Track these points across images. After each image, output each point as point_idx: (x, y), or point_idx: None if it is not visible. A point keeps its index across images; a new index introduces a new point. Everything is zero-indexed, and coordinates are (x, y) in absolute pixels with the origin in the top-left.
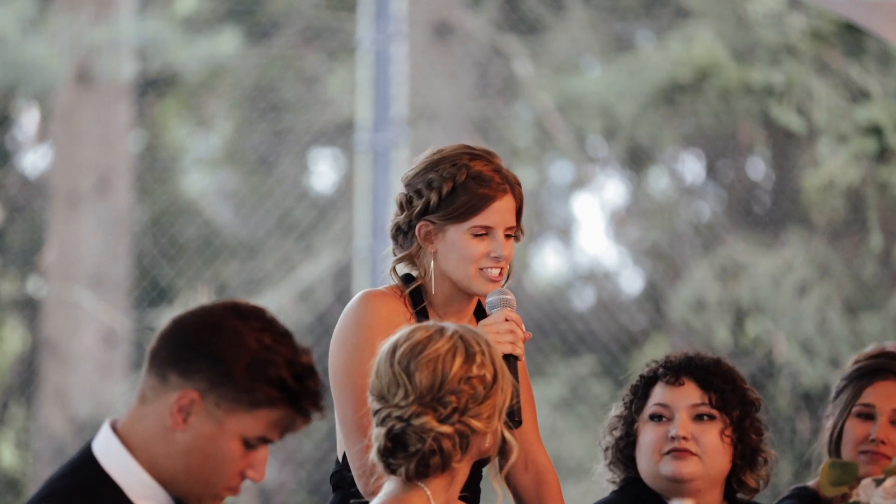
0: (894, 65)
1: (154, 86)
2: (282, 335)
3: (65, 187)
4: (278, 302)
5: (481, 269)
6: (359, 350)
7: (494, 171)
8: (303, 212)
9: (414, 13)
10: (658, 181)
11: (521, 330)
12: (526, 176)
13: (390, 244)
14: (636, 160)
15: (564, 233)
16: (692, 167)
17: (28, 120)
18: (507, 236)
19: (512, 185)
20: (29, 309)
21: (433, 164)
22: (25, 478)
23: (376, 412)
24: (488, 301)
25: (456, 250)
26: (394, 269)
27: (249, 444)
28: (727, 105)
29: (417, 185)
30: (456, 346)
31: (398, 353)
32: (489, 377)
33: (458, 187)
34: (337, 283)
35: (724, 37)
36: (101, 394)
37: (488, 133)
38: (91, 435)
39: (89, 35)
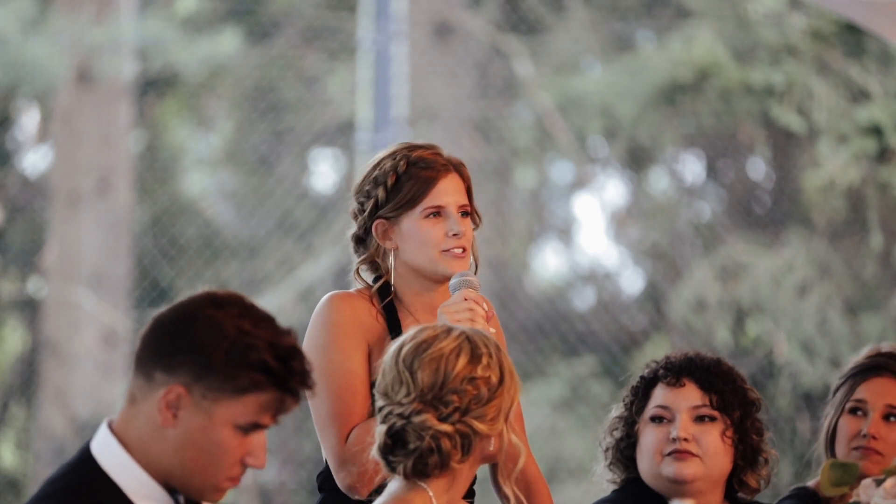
0: (894, 65)
1: (154, 86)
2: (261, 319)
3: (65, 187)
4: (278, 302)
5: (444, 251)
6: (329, 349)
7: (434, 154)
8: (303, 212)
9: (414, 13)
10: (658, 181)
11: (483, 308)
12: (526, 176)
13: (353, 258)
14: (636, 160)
15: (565, 233)
16: (692, 167)
17: (28, 120)
18: (462, 214)
19: (455, 166)
20: (29, 309)
21: (375, 165)
22: (26, 478)
23: (380, 409)
24: (450, 284)
25: (414, 238)
26: (357, 272)
27: (243, 431)
28: (727, 105)
29: (365, 188)
30: (461, 346)
31: (403, 352)
32: (495, 379)
33: (402, 176)
34: (337, 284)
35: (725, 37)
36: (102, 394)
37: (488, 133)
38: (91, 435)
39: (90, 35)
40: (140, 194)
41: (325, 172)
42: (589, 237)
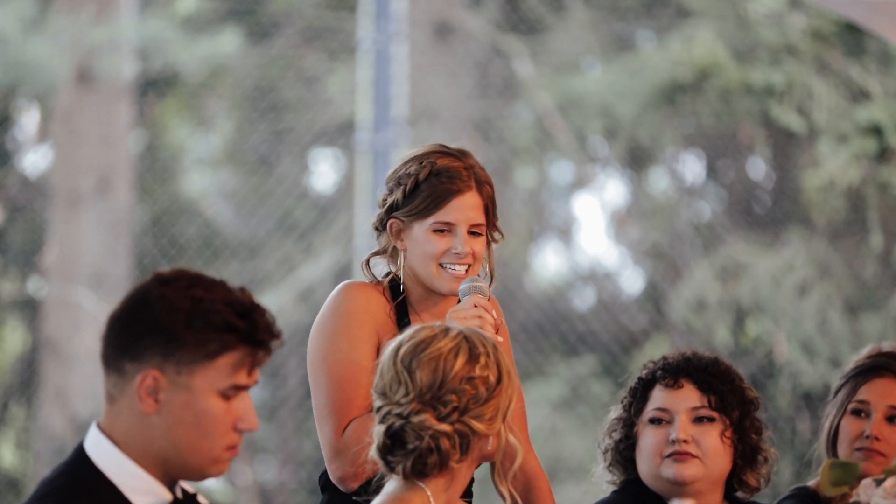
0: (894, 65)
1: (154, 86)
2: (212, 284)
3: (65, 187)
4: (278, 302)
5: (443, 266)
6: (335, 336)
7: (461, 167)
8: (303, 212)
9: (414, 13)
10: (658, 181)
11: (492, 316)
12: (526, 176)
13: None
14: (636, 160)
15: (565, 233)
16: (692, 167)
17: (28, 120)
18: (473, 233)
19: (479, 183)
20: (29, 309)
21: (406, 162)
22: (26, 478)
23: (378, 409)
24: (460, 289)
25: (419, 247)
26: (367, 263)
27: (225, 397)
28: (727, 105)
29: (390, 183)
30: (459, 346)
31: (401, 351)
32: (493, 379)
33: (421, 183)
34: (337, 284)
35: (725, 37)
36: (102, 394)
37: (488, 133)
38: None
39: (90, 35)
40: (140, 194)
41: (325, 172)
42: (589, 237)
